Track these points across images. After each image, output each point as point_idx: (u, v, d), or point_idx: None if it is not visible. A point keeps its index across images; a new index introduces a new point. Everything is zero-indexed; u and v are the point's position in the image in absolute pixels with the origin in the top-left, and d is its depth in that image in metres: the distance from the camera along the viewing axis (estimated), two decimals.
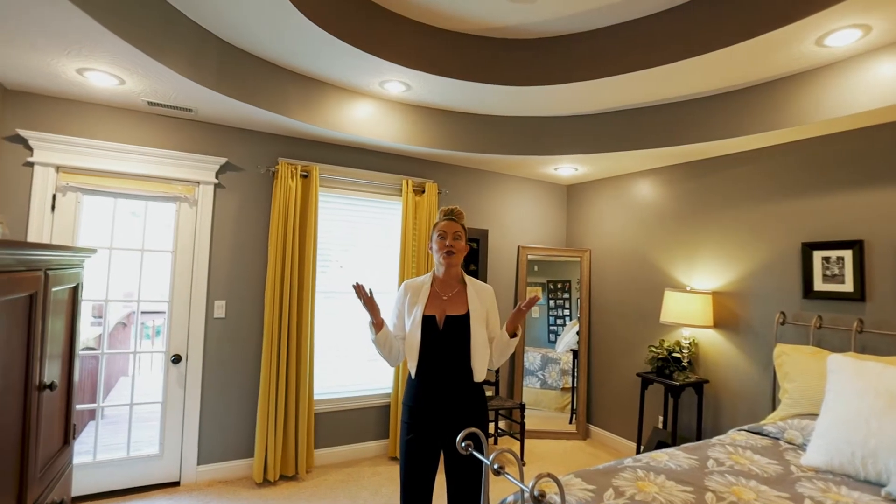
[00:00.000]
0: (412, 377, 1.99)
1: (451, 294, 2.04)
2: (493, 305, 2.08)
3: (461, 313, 1.98)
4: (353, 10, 2.60)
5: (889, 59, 2.36)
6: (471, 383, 1.97)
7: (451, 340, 1.95)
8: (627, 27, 2.78)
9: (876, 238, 2.67)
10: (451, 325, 1.96)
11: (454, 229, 2.02)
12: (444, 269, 2.05)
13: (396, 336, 2.07)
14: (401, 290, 2.10)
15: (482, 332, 1.98)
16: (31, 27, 2.03)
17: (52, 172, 2.83)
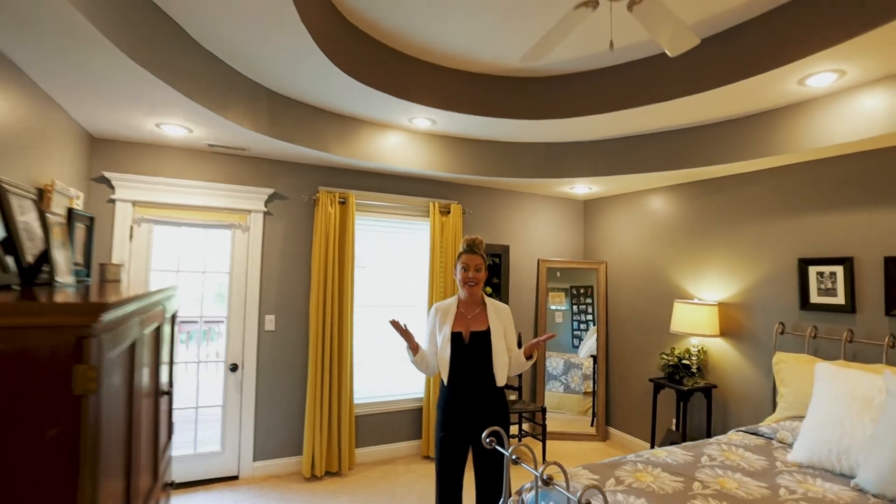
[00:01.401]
0: (445, 384, 2.35)
1: (474, 313, 2.41)
2: (509, 322, 2.44)
3: (483, 329, 2.35)
4: (384, 60, 2.98)
5: (863, 97, 2.62)
6: (493, 388, 2.32)
7: (476, 352, 2.32)
8: (632, 67, 3.09)
9: (864, 255, 2.91)
10: (476, 339, 2.33)
11: (476, 263, 2.38)
12: (467, 295, 2.42)
13: (429, 350, 2.44)
14: (432, 312, 2.49)
15: (501, 344, 2.34)
16: (124, 96, 2.47)
17: (129, 207, 3.30)
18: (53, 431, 0.92)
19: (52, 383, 0.91)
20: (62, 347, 0.92)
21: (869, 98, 2.61)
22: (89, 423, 0.95)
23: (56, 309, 0.93)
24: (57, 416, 0.92)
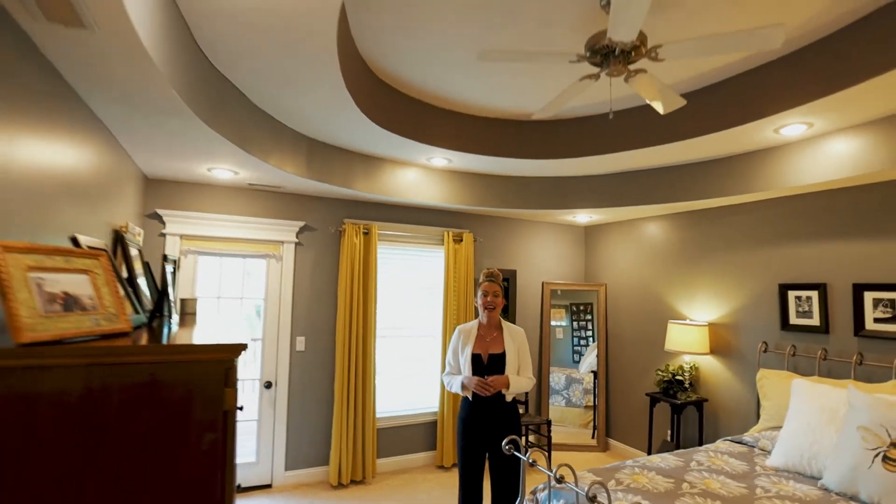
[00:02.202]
0: (467, 398, 2.70)
1: (492, 337, 2.78)
2: (523, 343, 2.80)
3: (499, 352, 2.72)
4: (407, 108, 3.37)
5: (830, 144, 3.01)
6: (507, 403, 2.68)
7: (493, 372, 2.69)
8: (629, 113, 3.49)
9: (835, 281, 3.28)
10: (493, 360, 2.71)
11: (493, 290, 2.76)
12: (487, 319, 2.78)
13: (454, 367, 2.79)
14: (455, 333, 2.86)
15: (515, 366, 2.72)
16: (187, 148, 2.85)
17: (178, 240, 3.67)
18: (210, 437, 1.27)
19: (210, 402, 1.27)
20: (215, 375, 1.28)
21: (834, 145, 3.00)
22: (230, 432, 1.31)
23: (213, 348, 1.29)
24: (213, 427, 1.27)
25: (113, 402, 1.16)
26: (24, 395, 1.07)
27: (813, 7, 2.25)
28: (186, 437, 1.24)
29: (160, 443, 1.21)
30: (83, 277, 1.34)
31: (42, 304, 1.18)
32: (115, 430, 1.16)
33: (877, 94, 2.45)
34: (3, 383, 1.06)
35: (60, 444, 1.10)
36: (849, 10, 2.26)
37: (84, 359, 1.14)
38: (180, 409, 1.24)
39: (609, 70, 2.16)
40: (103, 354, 1.16)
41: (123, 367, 1.18)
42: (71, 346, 1.14)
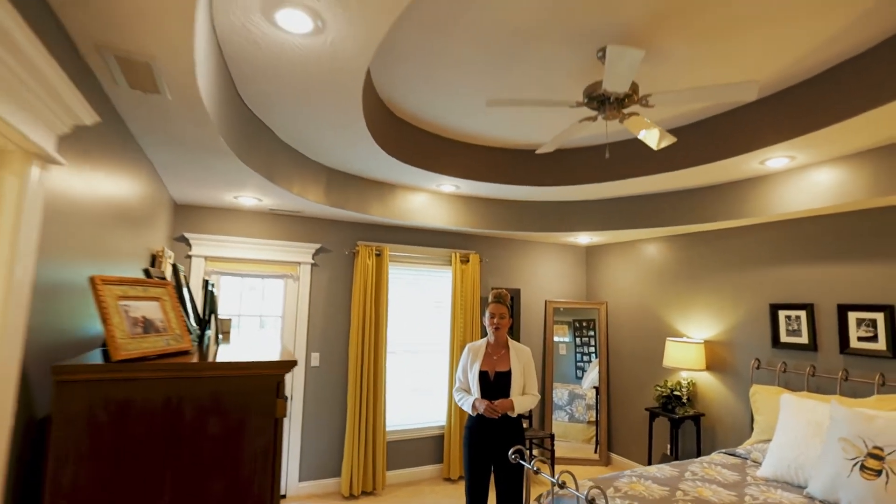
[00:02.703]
0: (474, 414, 2.89)
1: (500, 355, 2.97)
2: (529, 362, 2.97)
3: (505, 370, 2.90)
4: (419, 140, 3.63)
5: (811, 176, 3.25)
6: (511, 418, 2.86)
7: (499, 389, 2.87)
8: (626, 144, 3.74)
9: (822, 302, 3.49)
10: (499, 378, 2.89)
11: (500, 311, 2.95)
12: (494, 338, 2.99)
13: (463, 381, 2.98)
14: (465, 351, 3.04)
15: (520, 383, 2.88)
16: (220, 180, 3.11)
17: (202, 262, 3.91)
18: (263, 440, 1.49)
19: (263, 411, 1.49)
20: (268, 388, 1.51)
21: (816, 176, 3.24)
22: (279, 437, 1.53)
23: (267, 365, 1.51)
24: (265, 431, 1.49)
25: (186, 409, 1.38)
26: (120, 400, 1.30)
27: (786, 59, 2.51)
28: (244, 439, 1.46)
29: (223, 443, 1.42)
30: (155, 304, 1.58)
31: (129, 327, 1.41)
32: (188, 431, 1.38)
33: (852, 133, 2.70)
34: (105, 390, 1.29)
35: (146, 440, 1.32)
36: (822, 59, 2.52)
37: (164, 373, 1.36)
38: (240, 416, 1.46)
39: (605, 114, 2.41)
40: (179, 370, 1.39)
41: (195, 381, 1.41)
42: (153, 362, 1.37)
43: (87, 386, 1.28)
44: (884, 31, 2.26)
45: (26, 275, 1.20)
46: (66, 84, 1.16)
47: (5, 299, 1.12)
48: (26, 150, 1.15)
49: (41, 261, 1.34)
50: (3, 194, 1.12)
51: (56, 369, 1.24)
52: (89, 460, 1.27)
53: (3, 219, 1.12)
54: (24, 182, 1.15)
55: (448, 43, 2.39)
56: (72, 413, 1.26)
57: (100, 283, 1.36)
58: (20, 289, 1.18)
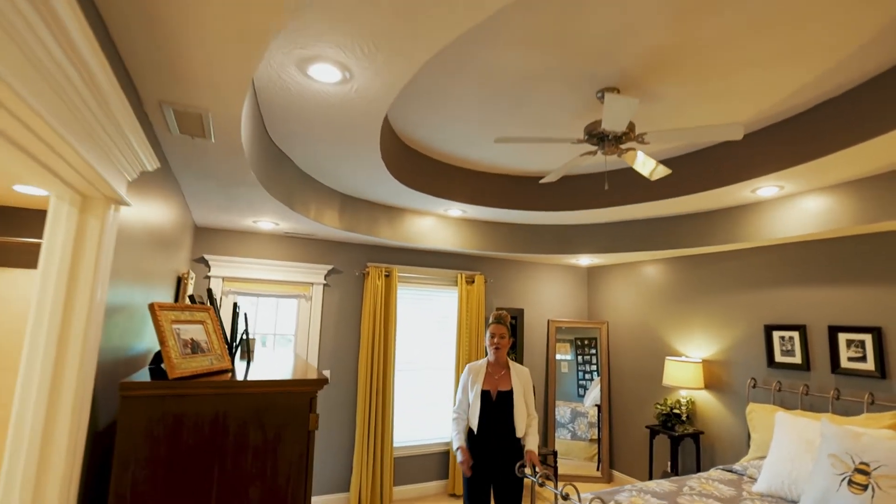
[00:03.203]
0: (474, 432, 2.95)
1: (500, 375, 3.03)
2: (528, 382, 3.04)
3: (507, 389, 2.97)
4: (428, 168, 3.84)
5: (799, 203, 3.43)
6: (512, 437, 2.89)
7: (501, 408, 2.94)
8: (626, 172, 3.95)
9: (813, 323, 3.65)
10: (501, 397, 2.96)
11: (500, 332, 3.03)
12: (495, 358, 3.05)
13: (463, 403, 3.03)
14: (465, 371, 3.09)
15: (521, 402, 2.95)
16: (243, 207, 3.30)
17: (220, 282, 4.09)
18: (299, 450, 1.64)
19: (298, 424, 1.65)
20: (303, 403, 1.67)
21: (804, 204, 3.43)
22: (312, 448, 1.68)
23: (302, 383, 1.68)
24: (300, 443, 1.65)
25: (231, 422, 1.55)
26: (175, 414, 1.47)
27: (771, 99, 2.72)
28: (280, 450, 1.62)
29: (262, 453, 1.59)
30: (200, 327, 1.75)
31: (180, 348, 1.58)
32: (232, 442, 1.54)
33: (836, 166, 2.89)
34: (163, 405, 1.45)
35: (195, 450, 1.49)
36: (805, 99, 2.73)
37: (213, 389, 1.53)
38: (277, 429, 1.62)
39: (604, 150, 2.61)
40: (226, 387, 1.56)
41: (239, 396, 1.57)
42: (203, 379, 1.54)
43: (148, 401, 1.45)
44: (863, 75, 2.47)
45: (103, 300, 1.38)
46: (142, 138, 1.36)
47: (87, 322, 1.30)
48: (108, 197, 1.34)
49: (109, 286, 1.52)
50: (87, 234, 1.31)
51: (123, 386, 1.41)
52: (147, 467, 1.44)
53: (87, 255, 1.30)
54: (103, 223, 1.34)
55: (458, 84, 2.60)
56: (134, 425, 1.43)
57: (158, 309, 1.54)
58: (98, 312, 1.36)
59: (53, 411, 1.23)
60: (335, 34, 1.65)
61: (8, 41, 0.73)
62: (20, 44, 0.76)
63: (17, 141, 0.94)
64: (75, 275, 1.28)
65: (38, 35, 0.79)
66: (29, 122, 0.89)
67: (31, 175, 1.10)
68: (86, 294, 1.30)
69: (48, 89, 0.89)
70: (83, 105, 1.03)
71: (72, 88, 0.96)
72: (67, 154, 1.05)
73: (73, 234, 1.29)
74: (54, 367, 1.23)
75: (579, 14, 1.99)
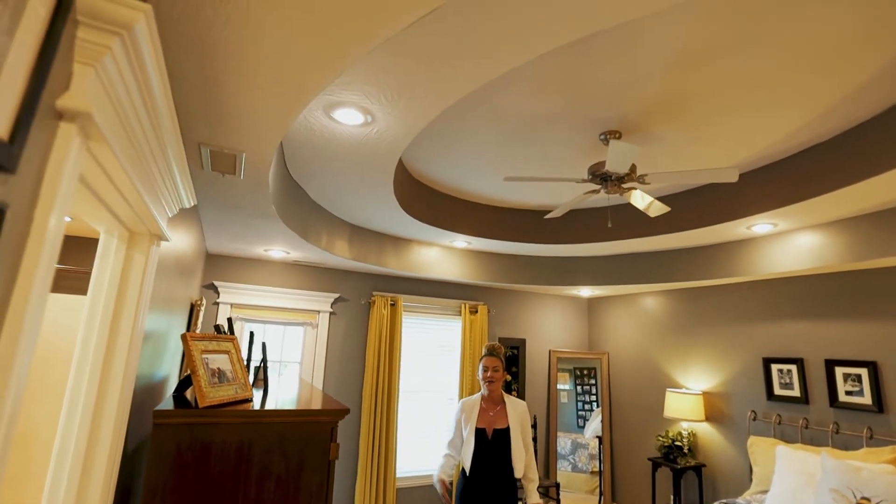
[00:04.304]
0: (465, 474, 2.68)
1: (496, 410, 2.77)
2: (525, 417, 2.77)
3: (504, 427, 2.71)
4: (435, 201, 3.96)
5: (793, 240, 3.56)
6: (510, 478, 2.63)
7: (497, 448, 2.68)
8: (627, 207, 4.08)
9: (811, 357, 3.73)
10: (497, 436, 2.69)
11: (493, 364, 2.78)
12: (488, 392, 2.80)
13: (456, 441, 2.80)
14: (458, 407, 2.85)
15: (519, 440, 2.69)
16: (257, 237, 3.40)
17: (229, 308, 4.15)
18: (319, 479, 1.69)
19: (320, 453, 1.71)
20: (325, 433, 1.73)
21: (798, 240, 3.55)
22: (332, 476, 1.74)
23: (324, 413, 1.74)
24: (321, 471, 1.70)
25: (256, 450, 1.61)
26: (203, 442, 1.53)
27: (765, 142, 2.87)
28: (302, 478, 1.67)
29: (286, 481, 1.64)
30: (225, 357, 1.83)
31: (209, 377, 1.65)
32: (257, 469, 1.60)
33: (826, 205, 3.03)
34: (193, 433, 1.52)
35: (222, 477, 1.54)
36: (797, 143, 2.89)
37: (239, 418, 1.60)
38: (299, 457, 1.68)
39: (607, 189, 2.74)
40: (252, 416, 1.62)
41: (264, 426, 1.64)
42: (231, 408, 1.61)
43: (179, 429, 1.51)
44: (851, 121, 2.62)
45: (143, 328, 1.46)
46: (187, 177, 1.46)
47: (129, 348, 1.37)
48: (152, 233, 1.44)
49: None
50: (133, 268, 1.40)
51: (156, 414, 1.48)
52: (175, 494, 1.49)
53: (132, 287, 1.39)
54: (147, 258, 1.43)
55: (468, 124, 2.74)
56: (164, 452, 1.49)
57: (190, 340, 1.62)
58: (138, 340, 1.44)
59: (95, 436, 1.29)
60: (363, 84, 1.78)
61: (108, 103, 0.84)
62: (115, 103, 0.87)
63: (91, 183, 1.04)
64: (121, 304, 1.37)
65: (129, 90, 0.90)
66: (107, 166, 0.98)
67: (90, 213, 1.20)
68: (129, 322, 1.38)
69: (125, 135, 0.99)
70: (146, 146, 1.13)
71: (140, 131, 1.06)
72: (128, 192, 1.15)
73: (119, 268, 1.38)
74: (98, 393, 1.31)
75: (587, 64, 2.14)
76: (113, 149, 0.87)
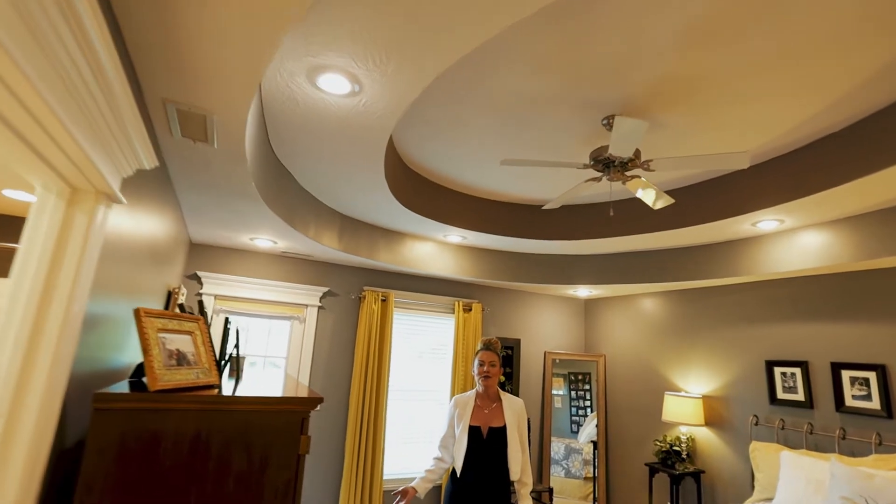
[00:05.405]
0: (456, 476, 2.50)
1: (491, 408, 2.60)
2: (522, 416, 2.60)
3: (500, 425, 2.53)
4: (431, 193, 3.81)
5: (799, 238, 3.42)
6: (504, 482, 2.46)
7: (492, 447, 2.50)
8: (628, 202, 3.94)
9: (815, 360, 3.58)
10: (493, 434, 2.51)
11: (490, 359, 2.62)
12: (484, 389, 2.64)
13: (447, 436, 2.62)
14: (451, 404, 2.67)
15: (516, 440, 2.51)
16: (243, 223, 3.23)
17: (212, 300, 3.97)
18: (286, 476, 1.52)
19: (288, 446, 1.54)
20: (294, 424, 1.56)
21: (804, 238, 3.41)
22: (301, 474, 1.56)
23: (294, 401, 1.57)
24: (289, 467, 1.53)
25: (214, 441, 1.44)
26: (153, 430, 1.36)
27: (774, 132, 2.73)
28: (267, 474, 1.50)
29: (246, 477, 1.46)
30: (188, 338, 1.66)
31: (165, 359, 1.48)
32: (215, 464, 1.42)
33: (836, 200, 2.89)
34: (140, 420, 1.34)
35: (173, 472, 1.36)
36: (806, 133, 2.75)
37: (197, 405, 1.43)
38: (264, 451, 1.50)
39: (609, 176, 2.59)
40: (210, 402, 1.45)
41: (225, 413, 1.47)
42: (188, 393, 1.43)
43: (124, 415, 1.33)
44: (866, 109, 2.49)
45: (81, 309, 1.29)
46: (141, 130, 1.30)
47: (60, 333, 1.20)
48: (99, 190, 1.27)
49: (91, 294, 1.43)
50: (71, 231, 1.23)
51: (97, 397, 1.30)
52: (116, 490, 1.30)
53: (69, 255, 1.22)
54: (91, 220, 1.26)
55: (464, 108, 2.59)
56: (105, 442, 1.31)
57: (144, 316, 1.45)
58: (75, 322, 1.26)
59: (12, 429, 1.11)
60: (349, 43, 1.63)
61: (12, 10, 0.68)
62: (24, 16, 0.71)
63: (9, 119, 0.88)
64: (55, 272, 1.20)
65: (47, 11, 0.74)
66: (27, 100, 0.83)
67: (19, 160, 1.03)
68: (65, 293, 1.21)
69: (50, 68, 0.83)
70: (84, 89, 0.97)
71: (75, 70, 0.91)
72: (62, 138, 0.99)
73: (56, 229, 1.21)
74: (19, 378, 1.13)
75: (588, 40, 1.99)
76: (20, 66, 0.71)
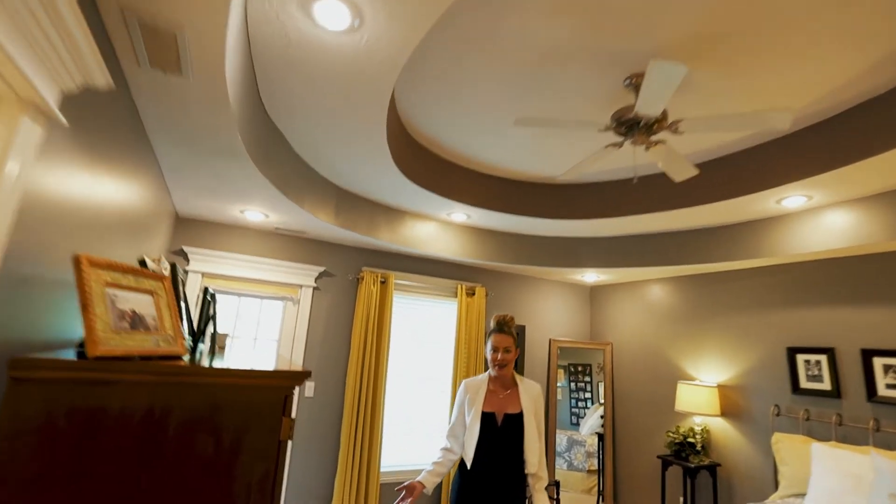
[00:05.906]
0: (466, 468, 2.25)
1: (506, 394, 2.34)
2: (540, 405, 2.36)
3: (517, 412, 2.28)
4: (435, 166, 3.54)
5: (828, 216, 3.16)
6: (520, 475, 2.23)
7: (508, 436, 2.25)
8: (642, 180, 3.67)
9: (844, 346, 3.33)
10: (509, 422, 2.26)
11: (505, 344, 2.33)
12: (497, 373, 2.36)
13: (457, 425, 2.37)
14: (461, 389, 2.41)
15: (534, 429, 2.27)
16: (233, 191, 2.97)
17: (200, 277, 3.72)
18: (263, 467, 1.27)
19: (266, 430, 1.28)
20: (274, 403, 1.31)
21: (832, 217, 3.15)
22: (281, 464, 1.31)
23: (274, 375, 1.32)
24: (266, 456, 1.28)
25: (173, 421, 1.17)
26: (89, 408, 1.07)
27: (813, 94, 2.46)
28: (240, 464, 1.24)
29: (214, 467, 1.21)
30: (148, 298, 1.40)
31: (114, 319, 1.22)
32: (174, 447, 1.16)
33: (869, 173, 2.63)
34: (73, 394, 1.06)
35: (119, 455, 1.10)
36: (846, 98, 2.48)
37: (151, 376, 1.16)
38: (237, 434, 1.25)
39: (634, 139, 2.33)
40: (169, 374, 1.18)
41: (188, 388, 1.21)
42: (140, 362, 1.17)
43: (50, 387, 1.04)
44: None
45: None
46: (83, 30, 1.04)
47: None
48: (23, 97, 1.01)
49: (16, 240, 1.17)
50: None
51: (14, 363, 1.02)
52: (38, 482, 1.01)
53: None
54: (12, 133, 1.00)
55: (474, 62, 2.32)
56: (25, 421, 1.01)
57: (85, 263, 1.19)
58: None
59: None
60: None
61: None
62: None
63: None
64: None
65: None
66: None
67: None
68: None
69: None
70: None
71: None
72: None
73: None
74: None
75: None
76: None
